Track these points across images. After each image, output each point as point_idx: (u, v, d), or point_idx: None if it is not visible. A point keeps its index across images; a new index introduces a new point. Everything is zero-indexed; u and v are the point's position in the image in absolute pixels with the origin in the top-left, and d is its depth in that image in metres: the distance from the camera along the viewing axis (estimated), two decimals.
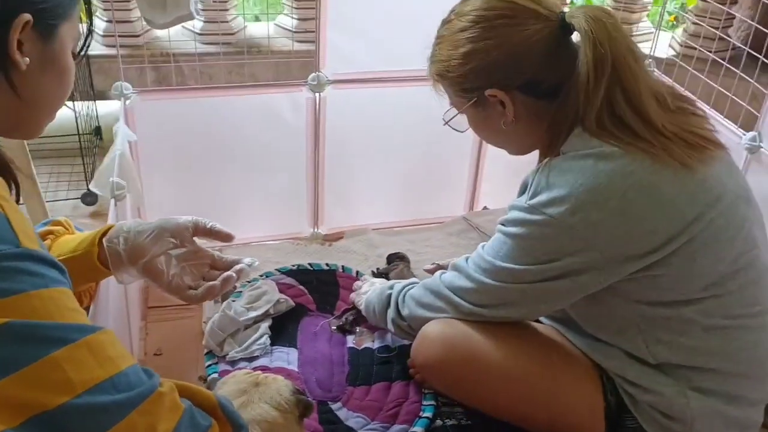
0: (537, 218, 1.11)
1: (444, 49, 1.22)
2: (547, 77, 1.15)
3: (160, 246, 1.01)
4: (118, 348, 0.76)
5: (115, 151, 1.44)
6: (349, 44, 1.75)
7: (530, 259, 1.14)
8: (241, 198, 1.88)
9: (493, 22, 1.15)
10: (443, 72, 1.24)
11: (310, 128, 1.82)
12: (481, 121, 1.26)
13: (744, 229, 1.13)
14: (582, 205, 1.07)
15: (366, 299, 1.53)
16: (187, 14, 1.48)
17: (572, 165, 1.11)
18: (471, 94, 1.21)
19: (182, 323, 1.67)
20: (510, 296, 1.19)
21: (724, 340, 1.16)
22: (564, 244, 1.11)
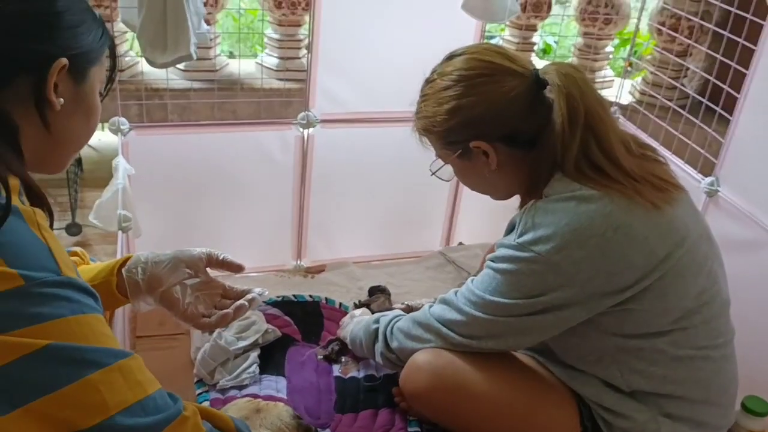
0: (525, 255, 1.19)
1: (429, 106, 1.31)
2: (525, 128, 1.24)
3: (176, 276, 1.06)
4: (145, 373, 0.82)
5: (117, 184, 1.49)
6: (337, 85, 1.83)
7: (518, 293, 1.21)
8: (227, 230, 1.93)
9: (474, 81, 1.25)
10: (429, 127, 1.33)
11: (297, 164, 1.89)
12: (466, 171, 1.35)
13: (706, 266, 1.24)
14: (566, 243, 1.16)
15: (351, 333, 1.58)
16: (187, 55, 1.54)
17: (556, 206, 1.19)
18: (456, 146, 1.30)
19: (170, 353, 1.70)
20: (498, 328, 1.26)
21: (691, 369, 1.25)
22: (549, 280, 1.18)
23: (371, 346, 1.49)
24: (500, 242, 1.27)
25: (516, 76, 1.24)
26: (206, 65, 2.44)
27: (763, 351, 1.56)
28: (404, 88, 1.88)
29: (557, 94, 1.20)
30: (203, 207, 1.89)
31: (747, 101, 1.59)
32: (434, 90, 1.30)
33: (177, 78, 2.43)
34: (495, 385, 1.31)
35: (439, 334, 1.34)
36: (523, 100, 1.23)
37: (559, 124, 1.19)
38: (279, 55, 2.54)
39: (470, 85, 1.25)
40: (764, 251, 1.56)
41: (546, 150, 1.22)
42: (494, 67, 1.25)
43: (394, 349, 1.43)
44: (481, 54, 1.28)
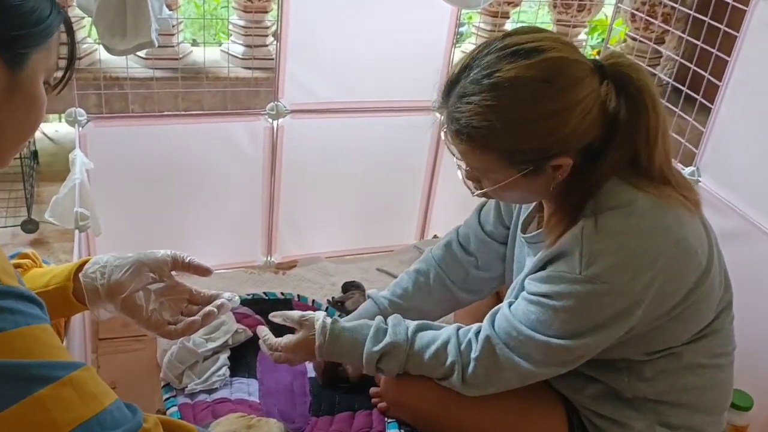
0: (597, 288, 1.06)
1: (503, 118, 1.03)
2: (599, 135, 1.07)
3: (139, 281, 0.99)
4: (100, 384, 0.75)
5: (75, 179, 1.40)
6: (307, 74, 1.76)
7: (585, 329, 1.09)
8: (193, 226, 1.86)
9: (567, 91, 1.03)
10: (498, 145, 1.06)
11: (266, 157, 1.82)
12: (520, 187, 1.11)
13: (723, 272, 1.19)
14: (638, 267, 1.05)
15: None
16: (148, 42, 1.45)
17: (617, 226, 1.06)
18: (528, 165, 1.07)
19: (135, 355, 1.63)
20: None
21: (699, 378, 1.20)
22: (620, 308, 1.07)
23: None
24: (554, 274, 1.10)
25: (592, 74, 1.05)
26: (169, 53, 2.35)
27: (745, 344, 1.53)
28: (377, 77, 1.84)
29: (634, 87, 1.05)
30: (168, 203, 1.81)
31: (728, 89, 1.56)
32: (512, 100, 1.03)
33: (138, 66, 2.33)
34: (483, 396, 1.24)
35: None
36: (602, 102, 1.05)
37: (629, 121, 1.05)
38: (245, 43, 2.45)
39: (566, 95, 1.02)
40: (747, 242, 1.53)
41: (609, 152, 1.07)
42: (582, 66, 1.04)
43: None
44: (565, 51, 1.05)
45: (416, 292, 1.45)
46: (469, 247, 1.47)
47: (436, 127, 1.94)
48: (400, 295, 1.45)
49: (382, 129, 1.90)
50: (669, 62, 2.54)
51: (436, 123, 1.93)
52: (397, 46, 1.81)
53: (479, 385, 1.20)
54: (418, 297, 1.45)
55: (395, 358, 1.25)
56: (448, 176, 2.03)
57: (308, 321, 1.31)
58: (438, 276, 1.46)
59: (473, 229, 1.46)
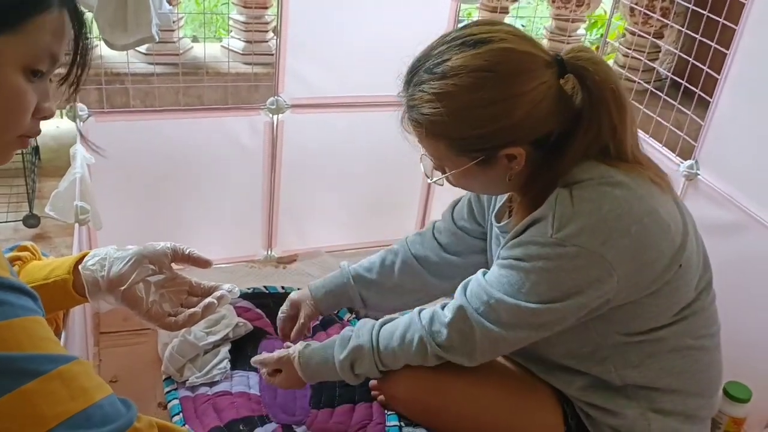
0: (567, 250, 1.06)
1: (446, 107, 1.06)
2: (556, 125, 1.10)
3: (139, 273, 1.00)
4: (93, 378, 0.74)
5: (75, 174, 1.41)
6: (307, 69, 1.77)
7: (556, 293, 1.09)
8: (194, 220, 1.87)
9: (514, 79, 1.05)
10: (446, 132, 1.09)
11: (266, 151, 1.83)
12: (476, 176, 1.14)
13: (701, 252, 1.20)
14: (611, 232, 1.06)
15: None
16: (149, 36, 1.46)
17: (592, 193, 1.08)
18: (477, 154, 1.10)
19: (137, 349, 1.64)
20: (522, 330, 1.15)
21: (687, 360, 1.21)
22: (592, 275, 1.07)
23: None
24: (525, 239, 1.12)
25: (548, 67, 1.08)
26: (169, 48, 2.34)
27: (744, 336, 1.54)
28: (377, 72, 1.84)
29: (597, 82, 1.08)
30: (169, 197, 1.81)
31: (727, 83, 1.56)
32: (457, 88, 1.06)
33: (138, 62, 2.33)
34: (476, 386, 1.27)
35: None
36: (556, 93, 1.08)
37: (590, 112, 1.08)
38: (245, 39, 2.45)
39: (511, 85, 1.05)
40: (745, 234, 1.54)
41: (572, 143, 1.10)
42: (532, 58, 1.07)
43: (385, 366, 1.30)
44: (514, 42, 1.07)
45: (381, 269, 1.48)
46: (440, 238, 1.49)
47: None
48: (366, 268, 1.49)
49: (381, 123, 1.88)
50: (668, 56, 2.54)
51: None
52: (396, 40, 1.79)
53: (460, 349, 1.19)
54: (383, 273, 1.48)
55: (366, 359, 1.27)
56: None
57: (285, 359, 1.35)
58: (406, 257, 1.48)
59: (446, 223, 1.49)
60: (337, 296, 1.48)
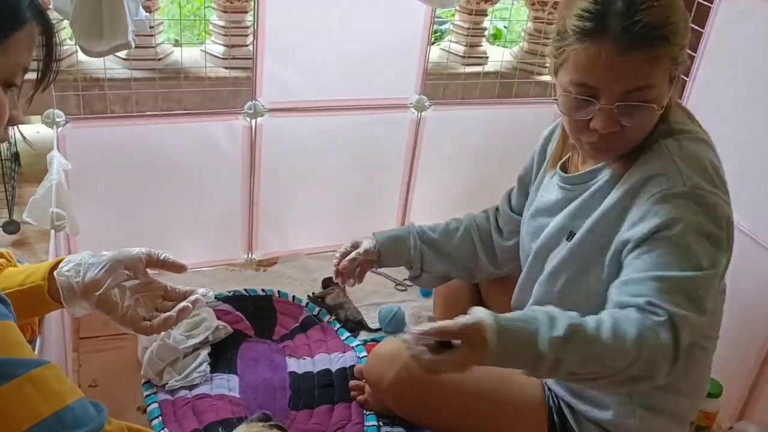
0: (705, 195, 1.05)
1: (675, 10, 1.05)
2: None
3: (114, 278, 1.00)
4: (64, 382, 0.76)
5: (51, 180, 1.41)
6: (285, 73, 1.78)
7: (713, 247, 1.04)
8: (174, 225, 1.87)
9: None
10: (677, 43, 1.05)
11: (245, 155, 1.84)
12: (660, 107, 1.09)
13: None
14: (721, 181, 1.10)
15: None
16: (125, 43, 1.47)
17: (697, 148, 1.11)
18: (674, 71, 1.08)
19: (116, 353, 1.65)
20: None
21: (691, 358, 1.19)
22: (726, 220, 1.07)
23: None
24: (656, 196, 1.05)
25: None
26: (149, 53, 2.35)
27: None
28: (354, 75, 1.86)
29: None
30: (148, 201, 1.82)
31: (696, 84, 1.59)
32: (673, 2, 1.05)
33: (118, 67, 2.34)
34: (462, 378, 1.26)
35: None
36: None
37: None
38: (225, 43, 2.47)
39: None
40: None
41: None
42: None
43: None
44: None
45: (445, 231, 1.53)
46: (499, 218, 1.53)
47: (414, 124, 1.97)
48: (431, 228, 1.53)
49: (359, 126, 1.92)
50: None
51: (413, 120, 1.96)
52: (373, 44, 1.83)
53: (672, 355, 1.01)
54: (445, 235, 1.52)
55: (578, 344, 0.98)
56: (426, 173, 2.06)
57: (473, 326, 0.99)
58: (470, 225, 1.53)
59: (503, 205, 1.52)
60: (398, 243, 1.51)
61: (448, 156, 2.06)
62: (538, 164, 1.40)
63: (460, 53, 2.62)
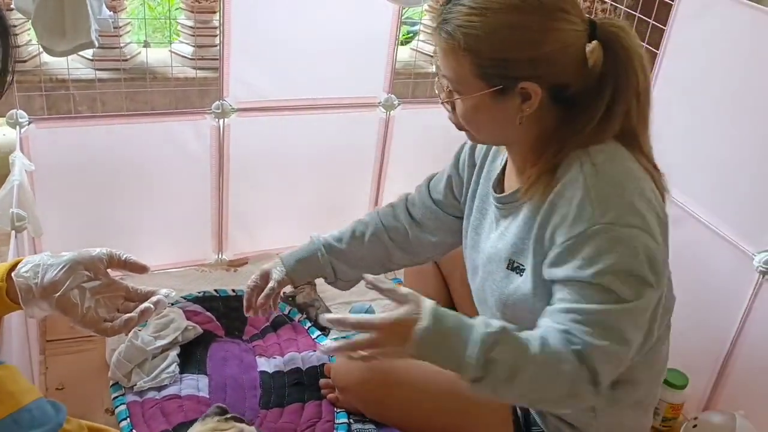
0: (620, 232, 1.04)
1: (485, 23, 1.05)
2: (575, 83, 1.09)
3: (73, 279, 0.99)
4: (20, 383, 0.75)
5: (13, 181, 1.40)
6: (252, 73, 1.77)
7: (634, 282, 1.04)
8: (143, 226, 1.86)
9: (554, 14, 1.06)
10: (476, 49, 1.06)
11: (213, 155, 1.83)
12: (487, 110, 1.11)
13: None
14: (643, 209, 1.06)
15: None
16: (89, 42, 1.45)
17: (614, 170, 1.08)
18: (498, 81, 1.08)
19: (84, 356, 1.63)
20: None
21: (648, 350, 1.20)
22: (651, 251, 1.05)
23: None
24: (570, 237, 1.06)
25: (582, 22, 1.08)
26: (114, 54, 2.34)
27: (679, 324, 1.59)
28: (321, 74, 1.86)
29: (629, 55, 1.08)
30: (116, 203, 1.80)
31: (658, 80, 1.61)
32: (499, 5, 1.05)
33: (84, 67, 2.31)
34: (426, 377, 1.28)
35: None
36: (582, 49, 1.07)
37: (613, 79, 1.08)
38: (193, 43, 2.46)
39: (548, 17, 1.05)
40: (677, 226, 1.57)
41: (590, 111, 1.09)
42: (572, 4, 1.08)
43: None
44: None
45: (352, 239, 1.50)
46: (413, 212, 1.49)
47: (383, 123, 1.97)
48: (337, 238, 1.51)
49: (328, 125, 1.92)
50: None
51: (382, 119, 1.97)
52: (342, 44, 1.83)
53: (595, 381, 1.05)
54: (353, 244, 1.49)
55: (510, 346, 1.02)
56: (396, 171, 2.06)
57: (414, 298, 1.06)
58: (377, 228, 1.50)
59: (422, 196, 1.49)
60: (308, 264, 1.49)
61: (417, 155, 2.07)
62: (470, 168, 1.37)
63: (430, 53, 2.64)
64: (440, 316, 1.03)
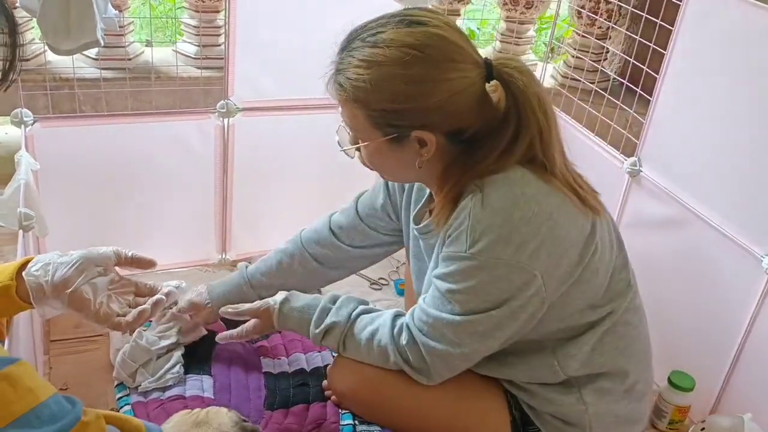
0: (485, 263, 1.11)
1: (371, 76, 1.10)
2: (473, 123, 1.13)
3: (85, 276, 1.00)
4: (37, 379, 0.75)
5: (19, 180, 1.39)
6: (257, 72, 1.77)
7: (486, 304, 1.13)
8: (147, 226, 1.85)
9: (440, 65, 1.09)
10: (365, 100, 1.12)
11: (218, 155, 1.83)
12: (386, 155, 1.18)
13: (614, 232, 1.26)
14: (523, 237, 1.10)
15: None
16: (94, 41, 1.45)
17: (503, 201, 1.11)
18: (390, 129, 1.14)
19: (87, 356, 1.62)
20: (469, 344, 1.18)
21: (616, 337, 1.25)
22: (515, 281, 1.12)
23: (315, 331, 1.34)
24: (445, 254, 1.16)
25: (475, 66, 1.12)
26: (119, 53, 2.33)
27: (686, 326, 1.59)
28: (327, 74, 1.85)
29: (522, 92, 1.12)
30: (120, 203, 1.80)
31: (666, 80, 1.61)
32: (384, 59, 1.09)
33: (88, 66, 2.31)
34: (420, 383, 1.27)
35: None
36: (478, 92, 1.11)
37: (514, 117, 1.12)
38: (197, 43, 2.45)
39: (434, 69, 1.09)
40: (685, 228, 1.59)
41: (491, 147, 1.14)
42: (461, 51, 1.11)
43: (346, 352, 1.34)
44: (448, 32, 1.11)
45: (279, 272, 1.53)
46: (340, 234, 1.53)
47: None
48: (263, 272, 1.53)
49: (332, 125, 1.90)
50: (614, 56, 2.61)
51: None
52: None
53: (417, 368, 1.23)
54: (280, 276, 1.53)
55: (334, 337, 1.31)
56: None
57: (264, 310, 1.37)
58: (303, 259, 1.53)
59: (350, 219, 1.53)
60: (236, 299, 1.51)
61: None
62: (401, 194, 1.42)
63: None
64: (284, 316, 1.34)
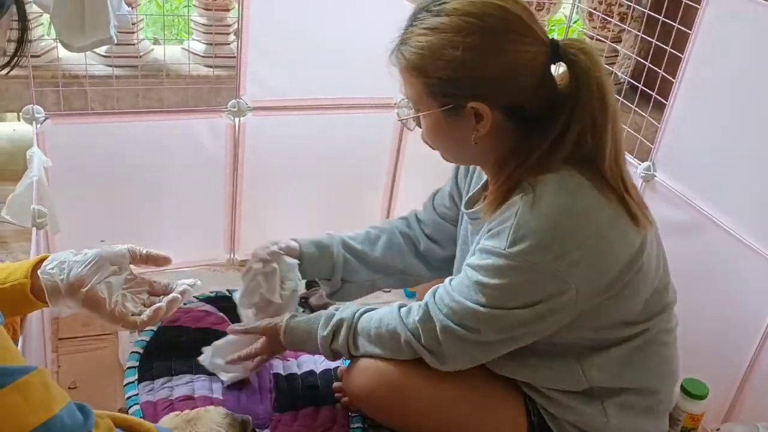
0: (520, 265, 1.09)
1: (433, 42, 1.09)
2: (533, 102, 1.11)
3: (100, 274, 0.99)
4: (51, 389, 0.74)
5: (32, 177, 1.38)
6: (269, 72, 1.76)
7: (514, 302, 1.12)
8: (155, 224, 1.84)
9: (498, 35, 1.08)
10: (423, 68, 1.11)
11: (228, 154, 1.82)
12: (442, 128, 1.16)
13: (661, 256, 1.23)
14: (564, 246, 1.08)
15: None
16: (108, 38, 1.44)
17: (553, 205, 1.09)
18: (448, 100, 1.11)
19: (96, 354, 1.62)
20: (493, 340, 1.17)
21: (650, 358, 1.23)
22: (548, 289, 1.10)
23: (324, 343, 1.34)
24: (486, 247, 1.14)
25: (539, 43, 1.09)
26: (130, 51, 2.32)
27: (701, 333, 1.58)
28: (338, 74, 1.85)
29: (579, 66, 1.09)
30: (128, 200, 1.79)
31: (682, 86, 1.60)
32: (444, 26, 1.08)
33: (98, 64, 2.29)
34: (438, 385, 1.27)
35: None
36: (540, 70, 1.10)
37: (572, 100, 1.09)
38: (207, 41, 2.43)
39: (493, 38, 1.07)
40: (701, 234, 1.57)
41: (546, 131, 1.11)
42: (523, 25, 1.08)
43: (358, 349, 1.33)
44: (511, 5, 1.09)
45: (366, 240, 1.53)
46: (423, 226, 1.53)
47: (399, 123, 1.95)
48: (352, 237, 1.52)
49: (343, 126, 1.91)
50: (626, 60, 2.59)
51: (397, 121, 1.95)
52: (358, 43, 1.81)
53: (429, 347, 1.21)
54: (367, 245, 1.52)
55: (342, 335, 1.31)
56: (410, 173, 2.05)
57: (271, 327, 1.39)
58: (393, 234, 1.53)
59: (428, 213, 1.52)
60: (321, 250, 1.49)
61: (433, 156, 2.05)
62: (467, 179, 1.40)
63: None
64: (291, 328, 1.36)
